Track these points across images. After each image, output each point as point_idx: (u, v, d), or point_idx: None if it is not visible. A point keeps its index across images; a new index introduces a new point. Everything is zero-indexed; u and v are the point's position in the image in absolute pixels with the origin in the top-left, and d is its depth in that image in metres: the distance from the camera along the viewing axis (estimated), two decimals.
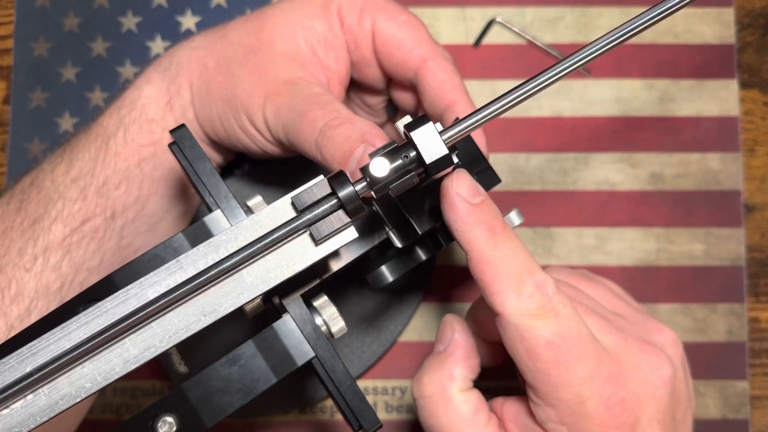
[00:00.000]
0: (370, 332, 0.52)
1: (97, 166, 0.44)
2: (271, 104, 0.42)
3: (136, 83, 0.46)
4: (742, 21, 0.56)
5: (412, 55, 0.43)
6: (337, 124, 0.39)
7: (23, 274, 0.42)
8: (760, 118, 0.55)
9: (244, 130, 0.44)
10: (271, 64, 0.43)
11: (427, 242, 0.41)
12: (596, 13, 0.57)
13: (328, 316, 0.36)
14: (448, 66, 0.43)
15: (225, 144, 0.46)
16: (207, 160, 0.36)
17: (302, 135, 0.40)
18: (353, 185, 0.31)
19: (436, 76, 0.43)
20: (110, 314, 0.30)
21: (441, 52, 0.44)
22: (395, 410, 0.52)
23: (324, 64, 0.44)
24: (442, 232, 0.40)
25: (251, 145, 0.44)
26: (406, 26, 0.44)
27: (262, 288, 0.31)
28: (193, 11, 0.57)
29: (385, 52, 0.44)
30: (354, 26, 0.44)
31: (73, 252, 0.43)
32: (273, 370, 0.34)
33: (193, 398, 0.33)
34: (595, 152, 0.55)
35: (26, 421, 0.29)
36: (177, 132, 0.36)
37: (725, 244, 0.54)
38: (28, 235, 0.43)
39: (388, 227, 0.37)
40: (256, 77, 0.43)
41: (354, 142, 0.37)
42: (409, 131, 0.31)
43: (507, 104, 0.32)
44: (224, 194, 0.35)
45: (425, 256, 0.41)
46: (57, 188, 0.44)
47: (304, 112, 0.40)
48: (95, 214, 0.44)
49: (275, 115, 0.42)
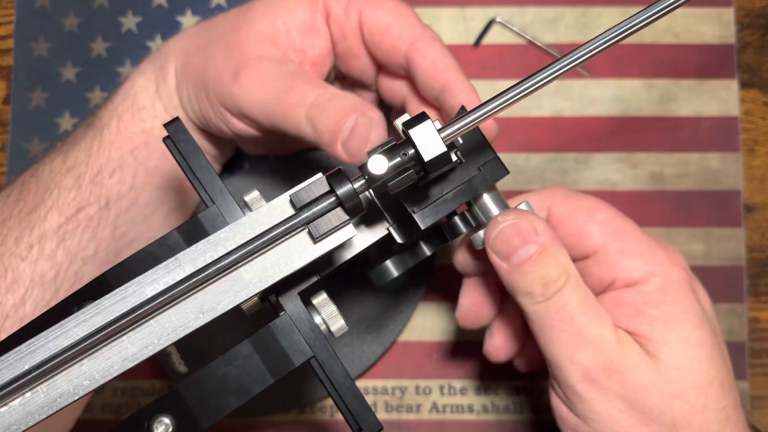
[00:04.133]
0: (370, 332, 0.52)
1: (92, 155, 0.45)
2: (242, 79, 0.41)
3: (131, 76, 0.47)
4: (742, 21, 0.56)
5: (400, 39, 0.43)
6: (328, 97, 0.39)
7: (19, 262, 0.42)
8: (760, 118, 0.55)
9: (214, 109, 0.43)
10: (244, 40, 0.43)
11: (432, 237, 0.40)
12: (596, 13, 0.56)
13: (327, 314, 0.35)
14: (438, 46, 0.42)
15: (206, 129, 0.46)
16: (202, 154, 0.35)
17: (289, 110, 0.40)
18: (351, 183, 0.31)
19: (426, 57, 0.42)
20: (108, 312, 0.30)
21: (430, 34, 0.43)
22: (395, 410, 0.52)
23: (298, 47, 0.44)
24: (448, 226, 0.39)
25: (222, 126, 0.44)
26: (393, 12, 0.43)
27: (260, 286, 0.31)
28: (193, 11, 0.57)
29: (374, 40, 0.43)
30: (340, 17, 0.44)
31: (68, 240, 0.43)
32: (270, 371, 0.34)
33: (189, 399, 0.33)
34: (595, 152, 0.55)
35: (25, 419, 0.29)
36: (171, 126, 0.35)
37: (725, 244, 0.54)
38: (25, 223, 0.43)
39: (389, 223, 0.37)
40: (225, 54, 0.43)
41: (346, 112, 0.38)
42: (408, 129, 0.31)
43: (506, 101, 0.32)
44: (219, 190, 0.35)
45: (430, 252, 0.40)
46: (54, 178, 0.44)
47: (290, 87, 0.40)
48: (90, 203, 0.44)
49: (248, 92, 0.41)
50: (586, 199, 0.41)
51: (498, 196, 0.38)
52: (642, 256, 0.39)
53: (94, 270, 0.44)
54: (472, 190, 0.37)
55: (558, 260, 0.37)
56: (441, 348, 0.53)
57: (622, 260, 0.39)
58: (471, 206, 0.38)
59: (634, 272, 0.38)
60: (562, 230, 0.40)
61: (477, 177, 0.37)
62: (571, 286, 0.37)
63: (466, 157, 0.36)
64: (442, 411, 0.52)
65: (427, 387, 0.53)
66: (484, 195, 0.38)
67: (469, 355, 0.53)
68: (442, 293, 0.54)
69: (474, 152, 0.37)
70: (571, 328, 0.36)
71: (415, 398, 0.52)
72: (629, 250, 0.39)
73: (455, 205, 0.36)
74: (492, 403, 0.52)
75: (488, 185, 0.37)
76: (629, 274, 0.39)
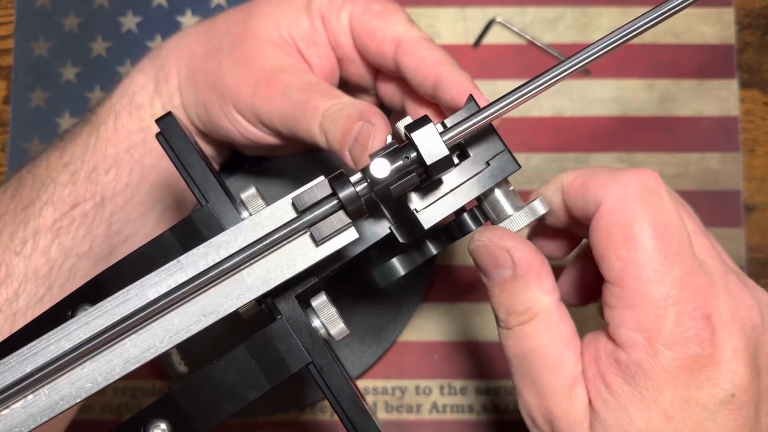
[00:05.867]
0: (370, 332, 0.52)
1: (88, 151, 0.45)
2: (262, 92, 0.42)
3: (130, 74, 0.47)
4: (742, 21, 0.56)
5: (384, 42, 0.42)
6: (339, 107, 0.40)
7: (13, 257, 0.42)
8: (760, 118, 0.55)
9: (228, 116, 0.44)
10: (258, 52, 0.43)
11: (440, 235, 0.38)
12: (596, 13, 0.57)
13: (326, 317, 0.34)
14: (423, 43, 0.41)
15: (209, 133, 0.46)
16: (195, 151, 0.34)
17: (304, 122, 0.40)
18: (354, 186, 0.31)
19: (413, 55, 0.41)
20: (111, 314, 0.30)
21: (416, 33, 0.42)
22: (395, 410, 0.52)
23: (307, 60, 0.44)
24: (457, 223, 0.37)
25: (234, 133, 0.44)
26: (379, 15, 0.42)
27: (262, 288, 0.31)
28: (193, 11, 0.57)
29: (363, 45, 0.43)
30: (333, 23, 0.43)
31: (62, 236, 0.43)
32: (266, 377, 0.33)
33: (185, 404, 0.32)
34: (595, 152, 0.55)
35: (26, 421, 0.29)
36: (163, 121, 0.34)
37: (725, 244, 0.53)
38: (20, 218, 0.43)
39: (391, 223, 0.36)
40: (243, 65, 0.43)
41: (353, 121, 0.38)
42: (410, 132, 0.31)
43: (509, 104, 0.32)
44: (213, 188, 0.33)
45: (437, 250, 0.38)
46: (50, 173, 0.44)
47: (305, 100, 0.40)
48: (85, 199, 0.44)
49: (268, 104, 0.42)
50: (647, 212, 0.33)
51: (509, 192, 0.36)
52: (639, 318, 0.32)
53: (88, 266, 0.45)
54: (480, 186, 0.34)
55: (527, 294, 0.33)
56: (441, 348, 0.53)
57: (619, 310, 0.32)
58: (481, 202, 0.36)
59: (621, 331, 0.32)
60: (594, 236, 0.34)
61: (485, 172, 0.34)
62: (536, 326, 0.34)
63: (473, 150, 0.34)
64: (442, 411, 0.52)
65: (427, 387, 0.53)
66: (496, 190, 0.35)
67: (469, 355, 0.53)
68: (442, 293, 0.54)
69: (481, 145, 0.34)
70: (523, 365, 0.34)
71: (415, 398, 0.52)
72: (632, 304, 0.32)
73: (462, 202, 0.34)
74: (492, 403, 0.52)
75: (497, 180, 0.34)
76: (615, 329, 0.33)
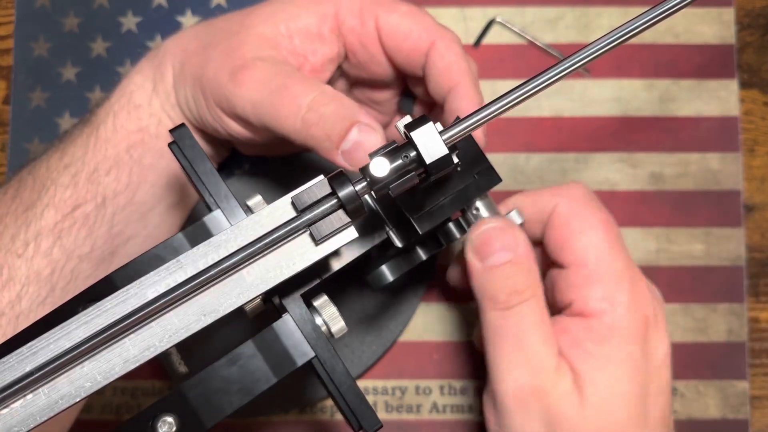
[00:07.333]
0: (370, 332, 0.52)
1: (88, 152, 0.45)
2: (237, 79, 0.41)
3: (129, 74, 0.47)
4: (742, 21, 0.56)
5: (420, 41, 0.43)
6: (326, 101, 0.39)
7: (15, 259, 0.42)
8: (760, 118, 0.55)
9: (210, 111, 0.43)
10: (242, 43, 0.43)
11: (427, 242, 0.41)
12: (596, 13, 0.56)
13: (328, 316, 0.36)
14: (457, 48, 0.43)
15: (203, 129, 0.46)
16: (207, 159, 0.36)
17: (282, 110, 0.39)
18: (353, 185, 0.31)
19: (443, 57, 0.42)
20: (110, 314, 0.30)
21: (450, 35, 0.43)
22: (395, 410, 0.52)
23: (299, 52, 0.43)
24: (443, 231, 0.40)
25: (219, 128, 0.44)
26: (409, 15, 0.43)
27: (262, 288, 0.31)
28: (193, 11, 0.57)
29: (393, 45, 0.43)
30: (357, 27, 0.43)
31: (64, 238, 0.43)
32: (273, 371, 0.34)
33: (192, 398, 0.33)
34: (595, 152, 0.55)
35: (26, 421, 0.29)
36: (177, 131, 0.36)
37: (725, 244, 0.54)
38: (22, 220, 0.43)
39: (389, 227, 0.37)
40: (224, 55, 0.43)
41: (349, 122, 0.37)
42: (409, 131, 0.31)
43: (507, 104, 0.32)
44: (224, 194, 0.35)
45: (425, 256, 0.41)
46: (50, 175, 0.44)
47: (283, 86, 0.40)
48: (86, 200, 0.44)
49: (241, 90, 0.41)
50: (593, 211, 0.41)
51: (490, 204, 0.41)
52: (605, 290, 0.39)
53: (90, 267, 0.44)
54: (468, 197, 0.38)
55: (529, 275, 0.39)
56: (441, 348, 0.53)
57: (586, 287, 0.39)
58: (465, 213, 0.40)
59: (590, 303, 0.39)
60: (553, 231, 0.41)
61: (472, 184, 0.38)
62: (533, 304, 0.38)
63: (463, 165, 0.37)
64: (442, 411, 0.52)
65: (427, 387, 0.53)
66: (477, 202, 0.40)
67: (469, 355, 0.53)
68: (442, 293, 0.54)
69: (469, 161, 0.38)
70: (519, 342, 0.38)
71: (415, 398, 0.52)
72: (597, 279, 0.39)
73: (452, 210, 0.37)
74: None
75: (482, 192, 0.38)
76: (585, 303, 0.39)
